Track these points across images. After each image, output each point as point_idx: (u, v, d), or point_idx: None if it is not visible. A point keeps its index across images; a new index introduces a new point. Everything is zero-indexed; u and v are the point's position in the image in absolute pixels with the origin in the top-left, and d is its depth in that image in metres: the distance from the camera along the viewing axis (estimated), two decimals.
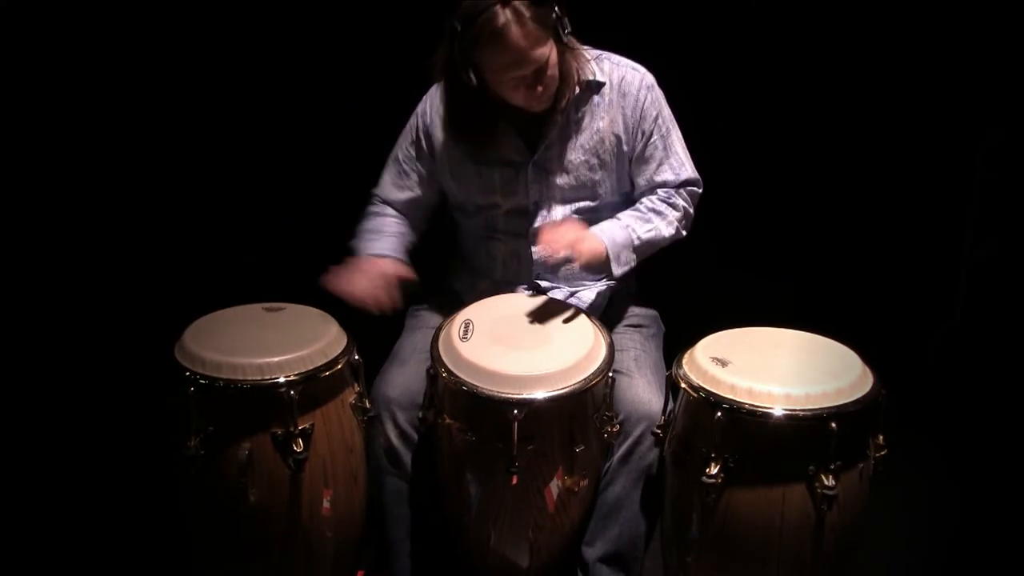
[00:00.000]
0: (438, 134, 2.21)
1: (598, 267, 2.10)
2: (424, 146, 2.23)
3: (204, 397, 1.88)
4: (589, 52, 2.16)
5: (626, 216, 2.16)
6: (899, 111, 2.83)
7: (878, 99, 2.83)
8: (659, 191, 2.19)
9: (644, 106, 2.16)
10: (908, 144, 2.86)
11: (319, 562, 2.03)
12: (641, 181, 2.21)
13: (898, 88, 2.81)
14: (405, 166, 2.27)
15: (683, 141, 2.22)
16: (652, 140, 2.17)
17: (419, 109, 2.26)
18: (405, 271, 2.15)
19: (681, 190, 2.20)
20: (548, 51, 1.98)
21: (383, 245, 2.21)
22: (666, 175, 2.19)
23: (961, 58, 2.75)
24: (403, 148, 2.28)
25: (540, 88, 2.01)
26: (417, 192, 2.27)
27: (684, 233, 2.21)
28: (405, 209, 2.30)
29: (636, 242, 2.12)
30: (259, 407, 1.90)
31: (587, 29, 2.11)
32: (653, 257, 2.19)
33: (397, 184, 2.29)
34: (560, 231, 2.04)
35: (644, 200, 2.20)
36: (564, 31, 2.01)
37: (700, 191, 2.24)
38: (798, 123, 2.84)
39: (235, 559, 1.99)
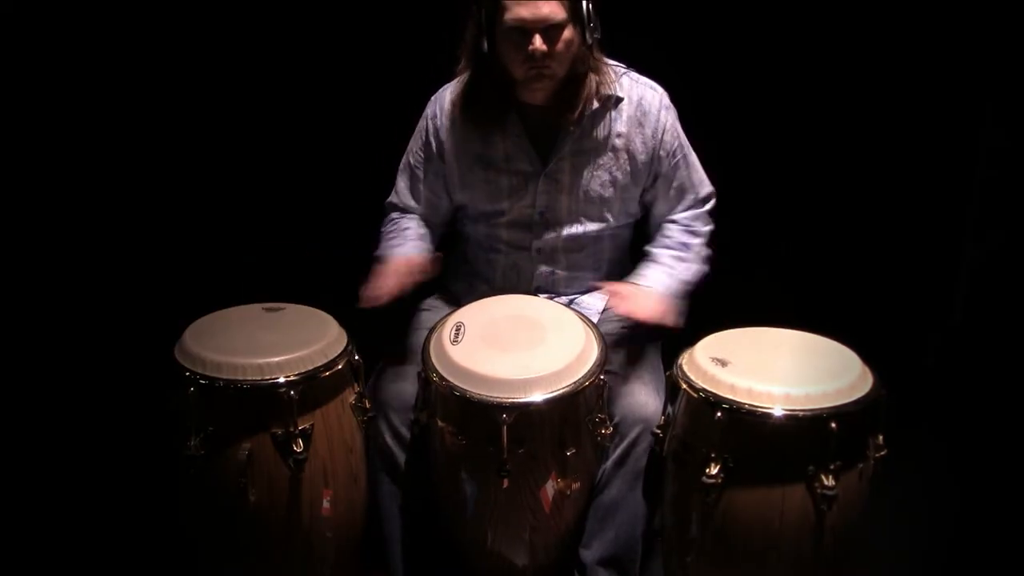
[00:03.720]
0: (447, 135, 2.20)
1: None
2: (434, 148, 2.22)
3: (204, 397, 1.88)
4: (616, 69, 2.15)
5: (666, 259, 2.17)
6: (899, 110, 2.82)
7: (878, 98, 2.82)
8: (681, 218, 2.22)
9: (664, 128, 2.16)
10: (908, 143, 2.85)
11: (319, 562, 2.03)
12: (662, 202, 2.22)
13: (898, 87, 2.81)
14: (417, 171, 2.26)
15: (695, 154, 2.24)
16: (675, 162, 2.19)
17: (428, 112, 2.24)
18: (429, 260, 2.13)
19: (702, 212, 2.22)
20: (560, 17, 1.95)
21: (407, 248, 2.19)
22: (689, 197, 2.22)
23: (961, 58, 2.74)
24: (414, 153, 2.26)
25: (544, 59, 1.97)
26: (432, 196, 2.26)
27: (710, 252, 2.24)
28: (423, 215, 2.29)
29: (687, 287, 2.16)
30: (259, 407, 1.90)
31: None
32: None
33: (412, 190, 2.27)
34: (630, 291, 2.07)
35: (671, 234, 2.20)
36: (589, 24, 1.99)
37: (715, 201, 2.26)
38: (798, 122, 2.84)
39: (235, 559, 1.99)
